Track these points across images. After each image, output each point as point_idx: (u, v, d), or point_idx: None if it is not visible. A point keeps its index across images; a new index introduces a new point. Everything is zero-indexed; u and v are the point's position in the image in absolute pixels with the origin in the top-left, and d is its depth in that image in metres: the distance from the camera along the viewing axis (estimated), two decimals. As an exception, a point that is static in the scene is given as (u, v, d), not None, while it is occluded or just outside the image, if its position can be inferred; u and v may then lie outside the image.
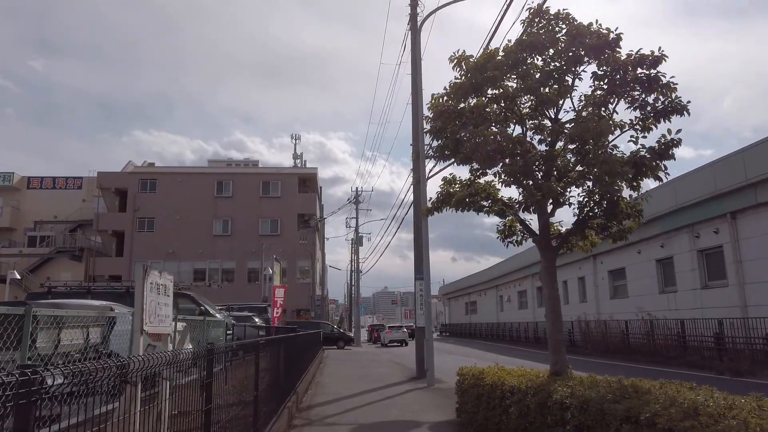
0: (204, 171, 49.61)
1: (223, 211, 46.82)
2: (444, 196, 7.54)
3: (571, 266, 30.92)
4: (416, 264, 16.86)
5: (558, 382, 5.60)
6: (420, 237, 16.97)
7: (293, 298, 45.83)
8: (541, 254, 7.32)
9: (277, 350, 9.07)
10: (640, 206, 6.78)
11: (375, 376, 16.51)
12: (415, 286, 16.73)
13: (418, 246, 16.91)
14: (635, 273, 23.69)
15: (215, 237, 46.45)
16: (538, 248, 7.37)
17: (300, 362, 12.95)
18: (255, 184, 47.89)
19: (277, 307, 19.52)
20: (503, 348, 32.50)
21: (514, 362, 20.74)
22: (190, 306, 14.63)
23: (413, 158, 17.43)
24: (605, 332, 24.61)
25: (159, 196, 46.69)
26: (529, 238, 7.80)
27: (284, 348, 10.24)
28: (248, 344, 6.06)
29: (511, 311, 43.22)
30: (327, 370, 18.92)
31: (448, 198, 7.40)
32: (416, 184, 17.30)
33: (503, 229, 7.96)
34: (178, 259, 45.77)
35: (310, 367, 16.24)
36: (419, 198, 17.24)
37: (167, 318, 4.97)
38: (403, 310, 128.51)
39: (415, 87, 16.43)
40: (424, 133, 16.06)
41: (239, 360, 6.45)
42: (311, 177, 51.26)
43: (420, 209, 17.21)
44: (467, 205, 7.28)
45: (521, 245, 8.13)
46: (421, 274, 16.70)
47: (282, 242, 46.13)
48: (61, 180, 53.10)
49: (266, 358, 7.35)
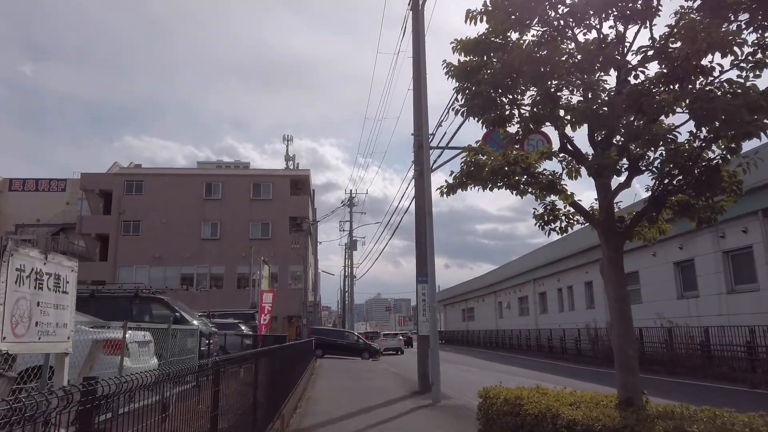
0: (192, 172, 47.86)
1: (212, 214, 45.09)
2: (472, 167, 5.91)
3: (577, 270, 29.38)
4: (418, 266, 15.24)
5: (658, 423, 3.94)
6: (422, 235, 15.33)
7: (285, 304, 44.09)
8: (602, 242, 5.73)
9: (257, 367, 7.44)
10: (739, 176, 5.14)
11: (372, 391, 14.83)
12: (417, 290, 15.09)
13: (421, 245, 15.28)
14: (650, 277, 22.12)
15: (204, 241, 44.70)
16: (600, 234, 5.77)
17: (287, 377, 11.28)
18: (245, 186, 46.21)
19: (265, 314, 17.81)
20: (505, 357, 30.86)
21: (525, 374, 19.07)
22: (164, 312, 12.94)
23: (415, 149, 15.86)
24: (617, 340, 22.99)
25: (145, 198, 44.91)
26: (579, 222, 6.19)
27: (267, 363, 8.59)
28: (202, 367, 4.35)
29: (511, 318, 41.62)
30: (319, 383, 17.21)
31: (478, 170, 5.78)
32: (418, 176, 15.70)
33: (543, 213, 6.33)
34: (165, 263, 44.06)
35: (300, 380, 14.55)
36: (422, 191, 15.63)
37: (60, 328, 3.24)
38: (397, 317, 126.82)
39: (417, 69, 14.85)
40: (427, 120, 14.54)
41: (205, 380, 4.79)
42: (304, 179, 49.60)
43: (422, 203, 15.62)
44: (505, 176, 5.67)
45: (566, 232, 6.49)
46: (425, 277, 15.05)
47: (273, 246, 44.38)
48: (44, 182, 51.33)
49: (238, 378, 5.73)
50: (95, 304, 12.55)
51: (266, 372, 8.54)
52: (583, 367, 22.57)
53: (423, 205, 15.58)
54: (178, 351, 8.41)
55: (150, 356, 8.45)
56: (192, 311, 14.49)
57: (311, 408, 11.87)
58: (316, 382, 17.59)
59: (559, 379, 17.39)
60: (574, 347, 27.06)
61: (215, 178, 46.64)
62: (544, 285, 34.46)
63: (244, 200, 45.69)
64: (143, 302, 12.86)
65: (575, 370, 20.83)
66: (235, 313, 22.39)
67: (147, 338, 8.37)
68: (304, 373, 16.74)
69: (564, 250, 29.96)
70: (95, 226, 45.15)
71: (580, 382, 16.85)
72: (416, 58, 14.83)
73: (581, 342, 26.54)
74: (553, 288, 33.14)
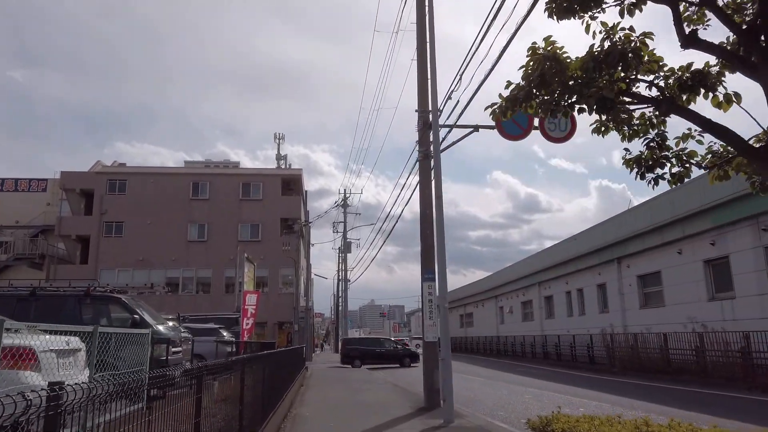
0: (178, 171, 45.67)
1: (199, 214, 42.93)
2: (547, 63, 3.77)
3: (588, 272, 27.33)
4: (424, 261, 13.16)
5: None
6: (428, 226, 13.28)
7: (275, 309, 41.91)
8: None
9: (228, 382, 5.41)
10: None
11: (371, 406, 12.72)
12: (422, 290, 13.01)
13: (426, 238, 13.22)
14: (675, 277, 20.11)
15: (190, 243, 42.53)
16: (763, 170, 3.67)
17: (269, 391, 9.18)
18: (234, 186, 44.09)
19: (248, 318, 15.69)
20: (510, 365, 28.77)
21: (544, 386, 16.50)
22: (122, 315, 10.84)
23: (419, 128, 13.81)
24: (635, 347, 20.98)
25: (129, 198, 42.76)
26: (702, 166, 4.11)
27: (240, 376, 6.55)
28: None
29: (514, 324, 39.51)
30: (309, 396, 15.07)
31: (558, 68, 3.67)
32: (423, 159, 13.65)
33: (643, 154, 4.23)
34: (149, 266, 41.89)
35: (286, 393, 12.44)
36: (427, 176, 13.57)
37: None
38: (391, 323, 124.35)
39: (422, 31, 12.81)
40: (436, 90, 12.50)
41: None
42: (296, 179, 47.47)
43: (428, 190, 13.56)
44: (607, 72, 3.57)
45: (680, 182, 4.39)
46: (432, 274, 12.98)
47: (263, 249, 42.15)
48: (24, 182, 48.91)
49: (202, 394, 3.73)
50: (36, 305, 10.46)
51: (239, 387, 6.50)
52: (604, 377, 20.53)
53: (428, 191, 13.55)
54: (114, 361, 6.30)
55: (78, 369, 6.34)
56: (158, 314, 12.35)
57: (298, 428, 9.78)
58: (306, 394, 15.46)
59: (590, 393, 15.31)
60: (585, 354, 24.99)
61: (203, 177, 44.45)
62: (551, 288, 32.38)
63: (233, 200, 43.62)
64: (96, 302, 10.76)
65: (600, 382, 18.80)
66: (217, 318, 20.26)
67: (73, 345, 6.27)
68: (292, 385, 14.63)
69: (573, 251, 27.96)
70: (75, 227, 42.93)
71: (627, 398, 14.80)
72: (420, 15, 12.80)
73: (594, 349, 24.49)
74: (560, 291, 31.07)
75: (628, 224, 22.35)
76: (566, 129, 13.63)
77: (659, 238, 20.54)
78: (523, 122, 13.39)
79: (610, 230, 23.80)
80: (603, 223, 24.92)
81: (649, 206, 20.82)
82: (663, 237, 20.33)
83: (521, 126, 13.48)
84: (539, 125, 13.33)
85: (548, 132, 13.48)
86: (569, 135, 13.71)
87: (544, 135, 13.47)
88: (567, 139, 13.82)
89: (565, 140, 13.79)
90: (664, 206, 19.72)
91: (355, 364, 29.24)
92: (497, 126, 13.01)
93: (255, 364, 8.10)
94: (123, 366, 6.63)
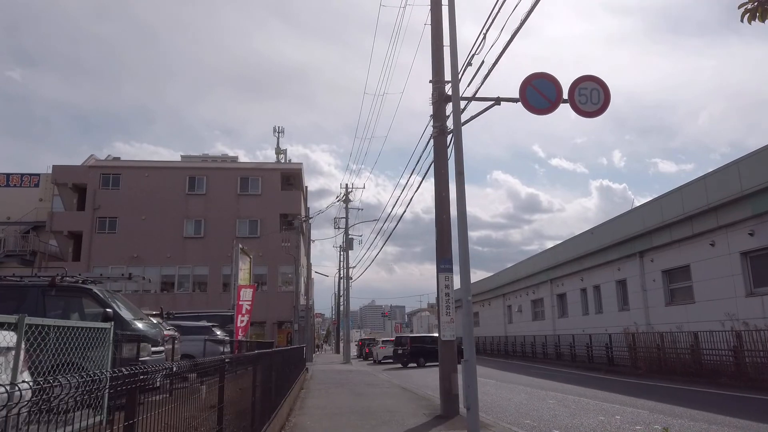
0: (174, 165, 44.14)
1: (196, 210, 41.46)
2: None
3: (606, 267, 25.75)
4: (439, 249, 11.69)
5: None
6: (444, 209, 11.78)
7: (274, 308, 40.48)
8: None
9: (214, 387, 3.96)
10: None
11: (380, 414, 11.21)
12: (437, 282, 11.52)
13: (442, 223, 11.73)
14: (707, 271, 18.52)
15: (186, 239, 41.06)
16: None
17: (263, 399, 7.70)
18: (232, 181, 42.60)
19: (243, 314, 14.18)
20: (522, 366, 27.22)
21: (565, 390, 14.41)
22: (95, 310, 9.34)
23: (434, 100, 12.30)
24: (662, 347, 19.45)
25: (123, 193, 41.31)
26: None
27: (230, 381, 5.13)
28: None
29: (523, 323, 37.91)
30: (310, 401, 13.56)
31: None
32: (438, 135, 12.15)
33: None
34: (144, 263, 40.44)
35: (284, 399, 10.95)
36: (442, 153, 12.06)
37: None
38: (393, 323, 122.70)
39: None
40: (456, 51, 10.97)
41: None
42: (296, 173, 45.96)
43: (443, 170, 12.05)
44: None
45: None
46: (449, 263, 11.49)
47: (262, 245, 40.70)
48: (16, 177, 47.44)
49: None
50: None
51: (228, 393, 5.07)
52: (628, 379, 19.01)
53: (444, 171, 12.04)
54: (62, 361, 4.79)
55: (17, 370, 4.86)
56: (138, 310, 10.83)
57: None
58: (306, 399, 13.95)
59: (619, 397, 13.74)
60: (604, 355, 23.44)
61: (199, 171, 42.94)
62: (564, 285, 30.77)
63: (231, 195, 42.17)
64: (63, 294, 9.25)
65: (626, 385, 17.27)
66: (211, 315, 18.74)
67: (8, 342, 4.77)
68: (291, 389, 13.14)
69: (589, 245, 26.41)
70: (67, 223, 41.45)
71: (664, 403, 13.25)
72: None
73: (613, 349, 22.96)
74: (574, 288, 29.45)
75: (652, 215, 20.76)
76: (599, 102, 12.07)
77: (689, 229, 18.95)
78: (550, 94, 11.81)
79: (632, 222, 22.19)
80: (624, 214, 23.29)
81: (679, 194, 19.19)
82: (693, 228, 18.75)
83: (548, 98, 11.89)
84: (569, 97, 11.78)
85: (579, 105, 11.91)
86: (602, 109, 12.16)
87: (574, 108, 11.91)
88: (599, 113, 12.25)
89: (597, 114, 12.22)
90: (696, 194, 18.14)
91: (420, 362, 29.14)
92: (521, 98, 11.48)
93: (246, 366, 6.61)
94: (89, 368, 5.12)
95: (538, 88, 11.83)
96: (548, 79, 11.89)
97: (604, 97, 12.00)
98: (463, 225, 9.15)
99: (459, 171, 9.50)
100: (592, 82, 12.06)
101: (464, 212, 9.25)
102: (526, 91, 11.58)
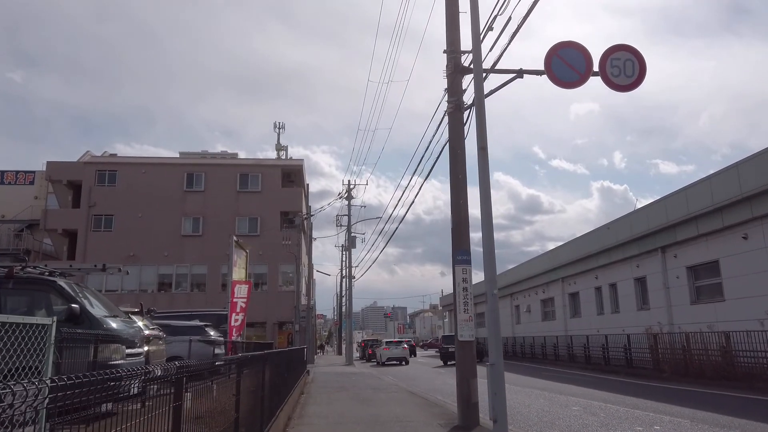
0: (172, 162, 42.93)
1: (194, 207, 40.25)
2: None
3: (623, 264, 24.39)
4: (456, 239, 10.44)
5: None
6: (461, 193, 10.51)
7: (275, 308, 39.27)
8: None
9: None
10: None
11: (389, 424, 9.95)
12: (454, 275, 10.28)
13: (460, 210, 10.46)
14: (739, 267, 17.19)
15: (184, 237, 39.85)
16: None
17: (254, 410, 6.45)
18: (231, 177, 41.39)
19: (237, 313, 12.93)
20: (534, 369, 25.90)
21: (586, 395, 12.63)
22: (58, 304, 8.09)
23: (449, 72, 11.04)
24: (687, 348, 18.16)
25: (119, 190, 40.10)
26: None
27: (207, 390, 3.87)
28: None
29: (532, 323, 36.57)
30: (311, 409, 12.31)
31: None
32: (453, 111, 10.89)
33: None
34: (141, 262, 39.20)
35: (282, 406, 9.69)
36: (459, 132, 10.79)
37: None
38: (395, 324, 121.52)
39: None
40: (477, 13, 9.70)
41: None
42: (297, 170, 44.73)
43: (459, 149, 10.79)
44: None
45: None
46: (466, 255, 10.24)
47: (262, 244, 39.48)
48: (10, 174, 46.33)
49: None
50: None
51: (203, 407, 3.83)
52: (652, 383, 17.72)
53: (461, 151, 10.78)
54: None
55: None
56: (114, 306, 9.57)
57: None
58: (307, 407, 12.69)
59: (649, 404, 12.41)
60: (622, 357, 22.11)
61: (198, 167, 41.71)
62: (576, 284, 29.43)
63: (230, 192, 40.97)
64: (24, 287, 7.99)
65: (652, 389, 15.99)
66: (204, 314, 17.53)
67: None
68: (290, 394, 11.87)
69: (605, 241, 25.07)
70: (62, 221, 40.26)
71: (705, 411, 11.99)
72: None
73: (632, 350, 21.66)
74: (588, 287, 28.10)
75: (677, 207, 19.42)
76: (633, 74, 10.77)
77: (719, 222, 17.65)
78: (579, 65, 10.51)
79: (654, 215, 20.84)
80: (645, 207, 21.95)
81: (708, 184, 17.87)
82: (724, 220, 17.45)
83: (577, 70, 10.58)
84: (599, 69, 10.48)
85: (611, 78, 10.63)
86: (637, 82, 10.86)
87: (606, 81, 10.62)
88: (634, 87, 10.96)
89: (631, 88, 10.94)
90: (728, 183, 16.83)
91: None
92: (546, 70, 10.19)
93: (228, 373, 5.36)
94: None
95: (565, 58, 10.53)
96: (577, 48, 10.59)
97: (639, 69, 10.71)
98: (486, 206, 7.90)
99: (482, 146, 8.25)
100: (626, 51, 10.78)
101: (488, 191, 8.00)
102: (552, 62, 10.29)
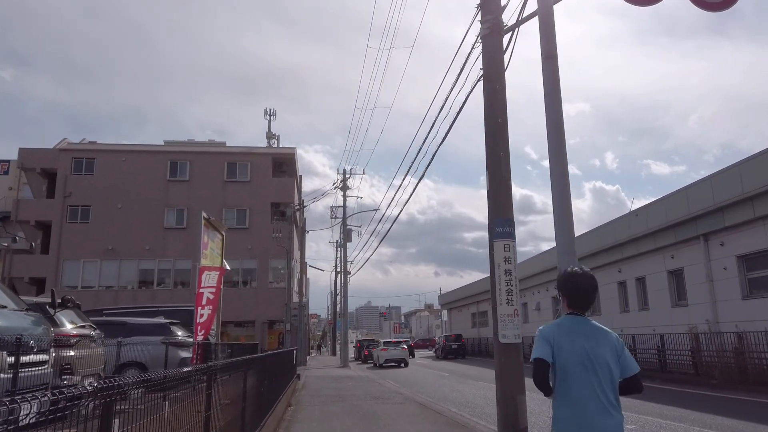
0: (154, 149, 40.12)
1: (178, 198, 37.51)
2: None
3: (654, 255, 21.62)
4: (493, 204, 7.69)
5: None
6: (501, 143, 7.78)
7: (264, 306, 36.58)
8: None
9: None
10: None
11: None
12: (491, 253, 7.54)
13: (501, 165, 7.73)
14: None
15: (167, 230, 37.13)
16: None
17: None
18: (218, 166, 38.67)
19: (203, 306, 10.21)
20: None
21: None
22: None
23: None
24: (742, 351, 15.54)
25: (97, 179, 37.34)
26: None
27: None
28: None
29: (543, 322, 33.74)
30: (297, 428, 9.57)
31: None
32: (488, 35, 8.16)
33: None
34: (120, 257, 36.58)
35: (264, 421, 6.99)
36: (497, 62, 8.09)
37: None
38: (391, 324, 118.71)
39: None
40: None
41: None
42: (288, 159, 42.05)
43: (497, 84, 8.09)
44: None
45: None
46: (509, 226, 7.48)
47: (251, 237, 36.86)
48: (-17, 164, 43.33)
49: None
50: None
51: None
52: (700, 390, 15.19)
53: (499, 86, 8.06)
54: None
55: None
56: (18, 298, 6.81)
57: None
58: (293, 425, 9.95)
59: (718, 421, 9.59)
60: (655, 360, 19.42)
61: (182, 155, 38.92)
62: (597, 278, 26.72)
63: (217, 182, 38.28)
64: None
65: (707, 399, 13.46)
66: (172, 310, 14.78)
67: None
68: (274, 408, 9.16)
69: (632, 230, 22.37)
70: (35, 212, 37.44)
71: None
72: None
73: (666, 353, 19.05)
74: (610, 282, 25.34)
75: (726, 187, 16.69)
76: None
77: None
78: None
79: (697, 198, 18.07)
80: (685, 188, 19.01)
81: (766, 157, 15.23)
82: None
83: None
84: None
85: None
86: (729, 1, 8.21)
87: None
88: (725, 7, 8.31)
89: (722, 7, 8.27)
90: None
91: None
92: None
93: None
94: None
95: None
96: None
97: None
98: (557, 135, 5.20)
99: (549, 54, 5.57)
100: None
101: (559, 113, 5.30)
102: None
